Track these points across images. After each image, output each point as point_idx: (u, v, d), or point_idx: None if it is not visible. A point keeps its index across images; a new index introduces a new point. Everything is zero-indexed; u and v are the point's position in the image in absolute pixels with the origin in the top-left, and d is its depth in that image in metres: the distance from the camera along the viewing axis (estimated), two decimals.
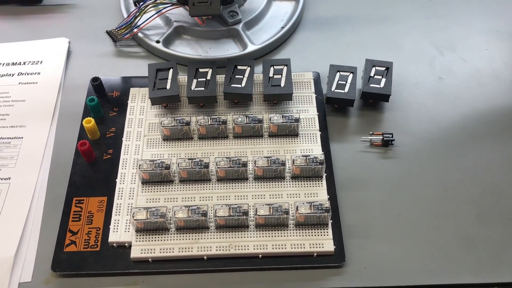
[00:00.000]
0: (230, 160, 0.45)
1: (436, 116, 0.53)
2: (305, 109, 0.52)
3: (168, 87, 0.50)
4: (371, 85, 0.52)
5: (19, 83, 0.56)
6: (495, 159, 0.50)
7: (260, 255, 0.43)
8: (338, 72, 0.52)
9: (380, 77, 0.52)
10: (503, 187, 0.48)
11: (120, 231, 0.44)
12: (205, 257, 0.43)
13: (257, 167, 0.45)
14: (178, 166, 0.45)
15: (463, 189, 0.48)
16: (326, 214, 0.42)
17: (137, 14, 0.57)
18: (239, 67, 0.51)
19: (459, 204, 0.47)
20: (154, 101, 0.50)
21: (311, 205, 0.43)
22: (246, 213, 0.43)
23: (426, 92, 0.55)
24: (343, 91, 0.51)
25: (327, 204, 0.43)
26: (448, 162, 0.50)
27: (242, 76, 0.51)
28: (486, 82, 0.56)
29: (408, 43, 0.59)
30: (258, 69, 0.55)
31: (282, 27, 0.59)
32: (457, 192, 0.47)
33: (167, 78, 0.50)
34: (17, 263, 0.43)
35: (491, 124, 0.52)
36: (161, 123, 0.48)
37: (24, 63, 0.58)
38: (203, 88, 0.50)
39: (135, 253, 0.43)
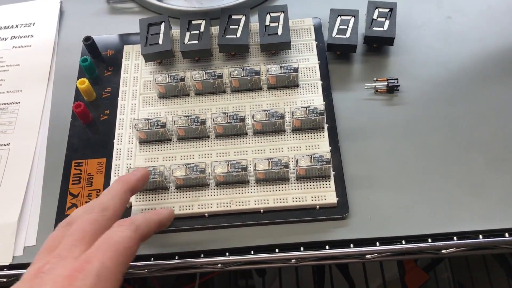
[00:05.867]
0: (227, 116, 0.44)
1: (444, 58, 0.50)
2: (306, 58, 0.49)
3: (160, 42, 0.48)
4: (374, 28, 0.49)
5: (13, 47, 0.55)
6: (506, 101, 0.47)
7: (262, 210, 0.42)
8: (339, 17, 0.50)
9: (383, 19, 0.49)
10: None
11: None
12: (206, 214, 0.42)
13: (256, 121, 0.44)
14: (174, 124, 0.44)
15: (472, 134, 0.45)
16: (327, 165, 0.41)
17: None
18: (233, 17, 0.49)
19: (468, 149, 0.45)
20: (147, 58, 0.48)
21: (311, 158, 0.41)
22: (245, 168, 0.42)
23: (433, 33, 0.52)
24: (344, 36, 0.48)
25: (328, 156, 0.42)
26: (456, 106, 0.47)
27: (237, 26, 0.48)
28: (499, 18, 0.52)
29: None
30: (256, 18, 0.52)
31: None
32: (466, 137, 0.45)
33: (159, 33, 0.48)
34: (21, 228, 0.43)
35: (503, 64, 0.49)
36: (155, 80, 0.46)
37: (17, 26, 0.57)
38: (196, 41, 0.48)
39: (135, 213, 0.42)
